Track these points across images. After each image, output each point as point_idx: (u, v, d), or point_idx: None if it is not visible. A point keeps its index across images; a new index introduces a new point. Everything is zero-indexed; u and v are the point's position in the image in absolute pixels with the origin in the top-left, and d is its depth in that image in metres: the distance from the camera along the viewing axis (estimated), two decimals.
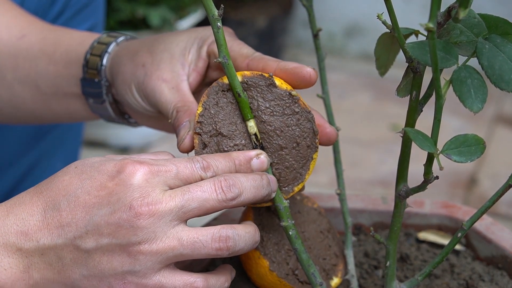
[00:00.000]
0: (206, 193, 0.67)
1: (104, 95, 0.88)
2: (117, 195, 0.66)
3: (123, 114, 0.91)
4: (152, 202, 0.66)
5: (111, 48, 0.88)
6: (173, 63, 0.81)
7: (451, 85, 0.65)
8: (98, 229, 0.66)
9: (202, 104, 0.74)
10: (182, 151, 0.75)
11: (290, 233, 0.74)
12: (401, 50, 0.67)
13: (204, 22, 2.05)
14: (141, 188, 0.66)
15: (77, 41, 0.91)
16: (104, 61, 0.87)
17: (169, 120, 0.79)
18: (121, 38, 0.89)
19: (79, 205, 0.67)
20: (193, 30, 0.84)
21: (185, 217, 0.67)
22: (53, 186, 0.69)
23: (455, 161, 0.64)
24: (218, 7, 0.70)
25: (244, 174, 0.70)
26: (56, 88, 0.92)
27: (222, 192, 0.68)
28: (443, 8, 0.63)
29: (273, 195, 0.73)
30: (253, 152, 0.72)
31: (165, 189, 0.67)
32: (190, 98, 0.79)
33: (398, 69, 0.81)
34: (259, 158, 0.72)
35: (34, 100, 0.94)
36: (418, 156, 0.85)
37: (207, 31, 0.82)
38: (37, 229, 0.68)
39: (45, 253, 0.68)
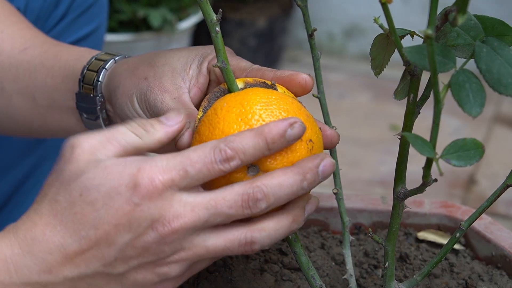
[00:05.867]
0: (232, 209, 0.65)
1: (98, 111, 0.88)
2: (137, 221, 0.65)
3: None
4: (172, 219, 0.65)
5: (108, 64, 0.88)
6: (174, 77, 0.81)
7: (449, 89, 0.65)
8: (126, 254, 0.66)
9: (203, 109, 0.74)
10: (179, 148, 0.73)
11: (290, 236, 0.74)
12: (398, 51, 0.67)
13: (205, 23, 2.05)
14: (158, 207, 0.65)
15: (75, 56, 0.92)
16: (101, 77, 0.87)
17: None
18: (119, 57, 0.89)
19: (101, 237, 0.65)
20: (194, 48, 0.84)
21: (210, 226, 0.66)
22: (64, 219, 0.66)
23: (454, 165, 0.64)
24: (218, 8, 0.70)
25: (280, 180, 0.66)
26: (52, 101, 0.92)
27: (248, 207, 0.65)
28: (439, 8, 0.63)
29: (323, 181, 0.68)
30: (285, 122, 0.66)
31: (184, 199, 0.65)
32: (192, 106, 0.78)
33: (397, 69, 0.81)
34: (294, 128, 0.66)
35: (30, 112, 0.95)
36: (416, 156, 0.85)
37: (208, 48, 0.82)
38: (61, 265, 0.66)
39: (75, 283, 0.67)
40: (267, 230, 0.67)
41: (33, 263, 0.66)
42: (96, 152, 0.67)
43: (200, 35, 2.25)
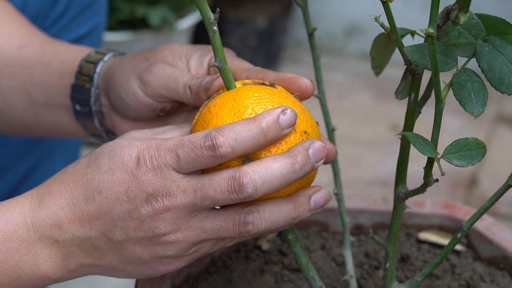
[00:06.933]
0: (218, 193, 0.66)
1: (92, 103, 0.88)
2: (133, 192, 0.68)
3: (107, 132, 0.91)
4: (165, 197, 0.68)
5: (107, 57, 0.89)
6: (174, 59, 0.82)
7: (450, 88, 0.65)
8: (125, 223, 0.69)
9: (199, 114, 0.74)
10: (209, 93, 0.75)
11: (289, 237, 0.74)
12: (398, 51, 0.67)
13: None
14: (153, 183, 0.68)
15: (75, 52, 0.92)
16: (98, 68, 0.88)
17: (188, 86, 0.78)
18: (119, 52, 0.90)
19: (103, 200, 0.69)
20: (198, 45, 0.85)
21: (201, 210, 0.68)
22: (77, 178, 0.71)
23: (456, 165, 0.64)
24: (218, 6, 0.69)
25: (269, 164, 0.66)
26: (48, 98, 0.93)
27: (234, 192, 0.66)
28: (441, 7, 0.63)
29: (317, 165, 0.68)
30: (278, 110, 0.67)
31: (178, 180, 0.67)
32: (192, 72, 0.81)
33: (398, 69, 0.81)
34: (286, 113, 0.67)
35: (25, 109, 0.95)
36: (417, 156, 0.85)
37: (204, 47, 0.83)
38: (69, 222, 0.71)
39: (81, 244, 0.71)
40: (262, 212, 0.68)
41: (46, 216, 0.71)
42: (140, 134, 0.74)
43: (200, 35, 2.25)
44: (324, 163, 0.76)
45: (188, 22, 2.02)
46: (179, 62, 0.82)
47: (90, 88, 0.88)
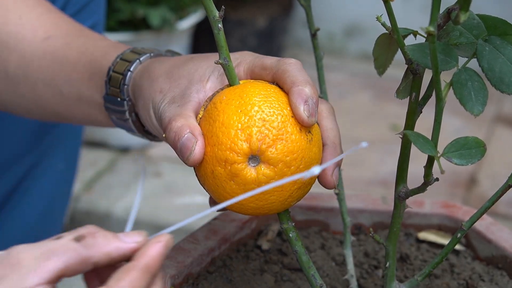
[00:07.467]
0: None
1: (127, 114, 0.86)
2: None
3: (149, 132, 0.88)
4: None
5: (133, 66, 0.85)
6: (189, 88, 0.78)
7: (451, 87, 0.65)
8: None
9: (204, 108, 0.74)
10: (192, 164, 0.71)
11: (291, 235, 0.74)
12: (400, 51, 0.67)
13: (205, 22, 2.05)
14: None
15: (101, 52, 0.89)
16: (127, 80, 0.85)
17: (163, 134, 0.75)
18: (144, 56, 0.86)
19: None
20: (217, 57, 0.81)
21: None
22: None
23: (455, 164, 0.64)
24: (218, 7, 0.70)
25: None
26: (79, 96, 0.90)
27: None
28: (442, 8, 0.63)
29: None
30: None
31: None
32: (190, 113, 0.75)
33: (398, 69, 0.81)
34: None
35: (57, 103, 0.93)
36: (418, 156, 0.85)
37: (235, 59, 0.78)
38: None
39: None
40: None
41: None
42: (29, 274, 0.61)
43: (200, 35, 2.25)
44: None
45: (188, 22, 2.02)
46: (192, 90, 0.77)
47: (123, 101, 0.85)
